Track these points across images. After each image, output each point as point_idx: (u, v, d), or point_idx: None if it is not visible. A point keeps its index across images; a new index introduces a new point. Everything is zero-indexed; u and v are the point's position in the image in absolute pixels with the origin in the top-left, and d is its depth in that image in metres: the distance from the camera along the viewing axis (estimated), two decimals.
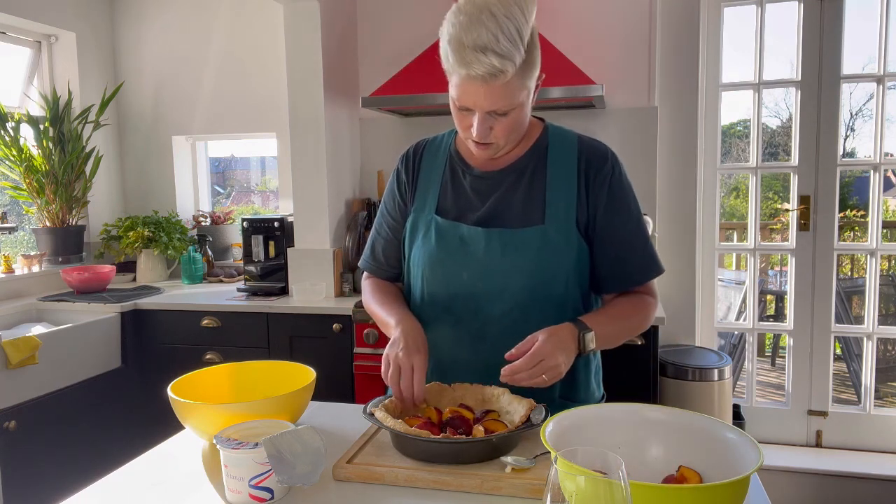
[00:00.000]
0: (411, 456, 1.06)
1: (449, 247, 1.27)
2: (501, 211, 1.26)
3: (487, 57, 1.06)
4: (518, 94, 1.14)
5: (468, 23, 1.07)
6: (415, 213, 1.33)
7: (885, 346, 4.05)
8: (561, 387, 1.27)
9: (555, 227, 1.23)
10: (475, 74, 1.09)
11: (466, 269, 1.25)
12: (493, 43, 1.06)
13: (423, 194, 1.33)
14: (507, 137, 1.20)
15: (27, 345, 2.34)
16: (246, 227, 2.97)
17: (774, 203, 3.93)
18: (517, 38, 1.08)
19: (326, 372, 2.32)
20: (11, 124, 3.08)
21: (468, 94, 1.13)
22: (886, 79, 2.77)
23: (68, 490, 1.05)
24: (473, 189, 1.29)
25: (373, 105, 2.71)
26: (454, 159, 1.33)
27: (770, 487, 1.10)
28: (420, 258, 1.30)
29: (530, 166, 1.27)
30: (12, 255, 3.13)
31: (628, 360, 2.38)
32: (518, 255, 1.22)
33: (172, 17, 3.47)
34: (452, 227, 1.27)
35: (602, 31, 2.87)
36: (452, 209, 1.30)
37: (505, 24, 1.06)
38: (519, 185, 1.26)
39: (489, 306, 1.25)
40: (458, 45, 1.08)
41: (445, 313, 1.29)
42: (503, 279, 1.23)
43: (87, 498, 1.02)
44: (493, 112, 1.15)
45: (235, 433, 1.04)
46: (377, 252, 1.43)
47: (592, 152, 1.27)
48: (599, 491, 0.63)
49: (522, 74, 1.12)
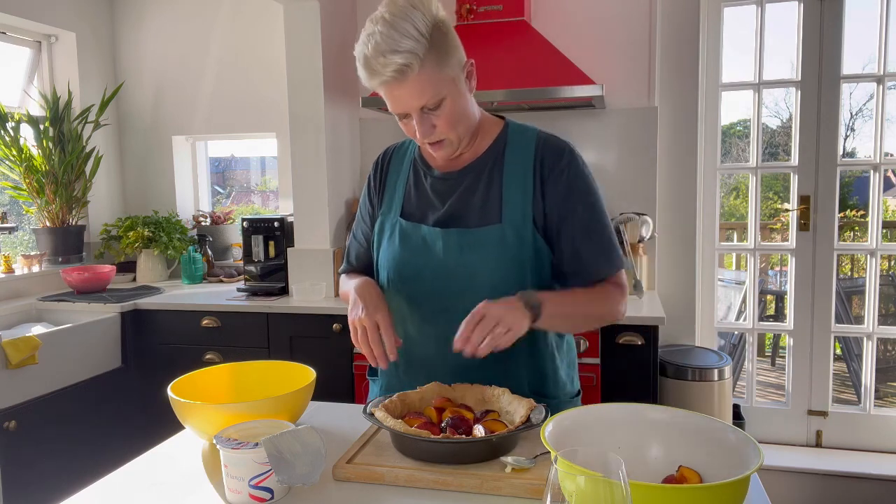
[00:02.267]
0: (411, 456, 1.06)
1: (412, 248, 1.29)
2: (460, 211, 1.28)
3: (388, 58, 1.10)
4: (439, 84, 1.15)
5: (367, 38, 1.13)
6: (382, 215, 1.36)
7: (885, 346, 4.05)
8: (529, 381, 1.29)
9: (511, 225, 1.24)
10: (386, 78, 1.13)
11: (429, 270, 1.28)
12: (392, 44, 1.10)
13: (390, 198, 1.36)
14: (454, 130, 1.21)
15: (27, 345, 2.34)
16: (246, 227, 2.97)
17: (774, 203, 3.93)
18: (415, 32, 1.11)
19: (326, 372, 2.32)
20: (11, 124, 3.08)
21: (394, 99, 1.18)
22: (886, 79, 2.77)
23: (68, 490, 1.05)
24: (434, 190, 1.32)
25: (373, 105, 2.71)
26: (417, 162, 1.37)
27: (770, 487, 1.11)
28: (386, 260, 1.33)
29: (488, 166, 1.29)
30: (12, 255, 3.13)
31: (628, 360, 2.38)
32: (476, 255, 1.24)
33: (172, 17, 3.47)
34: (414, 228, 1.30)
35: (602, 31, 2.87)
36: (416, 211, 1.32)
37: (399, 24, 1.10)
38: (477, 185, 1.28)
39: (453, 305, 1.26)
40: (364, 60, 1.14)
41: (412, 313, 1.31)
42: (464, 279, 1.25)
43: (87, 498, 1.02)
44: (425, 108, 1.17)
45: (235, 433, 1.04)
46: (351, 256, 1.48)
47: (548, 148, 1.28)
48: (599, 491, 0.63)
49: (435, 63, 1.14)
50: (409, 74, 1.12)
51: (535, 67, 2.56)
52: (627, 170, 2.87)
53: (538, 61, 2.57)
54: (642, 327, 2.36)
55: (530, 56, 2.60)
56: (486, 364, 1.26)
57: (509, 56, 2.63)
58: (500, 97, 2.53)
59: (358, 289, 1.26)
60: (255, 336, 2.74)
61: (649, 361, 2.37)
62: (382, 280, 1.34)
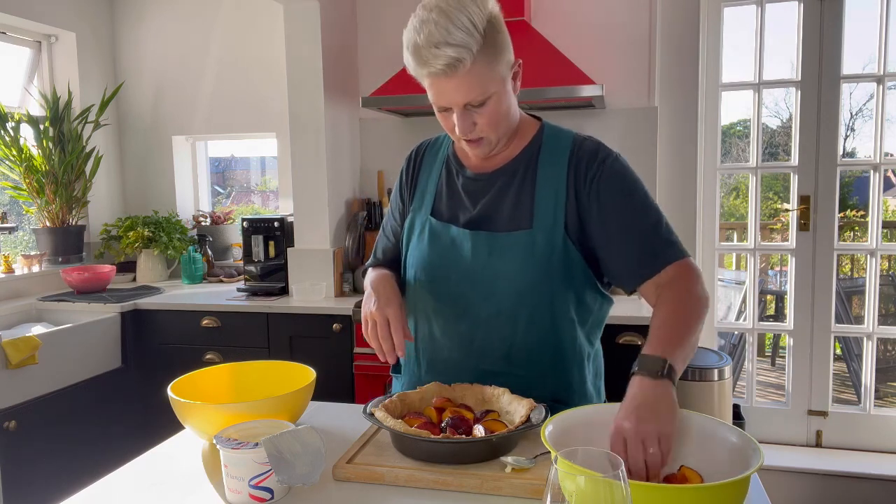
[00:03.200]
0: (411, 456, 1.06)
1: (440, 248, 1.27)
2: (491, 214, 1.25)
3: (441, 50, 1.07)
4: (488, 82, 1.12)
5: (420, 24, 1.09)
6: (413, 212, 1.34)
7: (885, 346, 4.05)
8: (553, 390, 1.24)
9: (542, 232, 1.20)
10: (436, 70, 1.09)
11: (455, 271, 1.25)
12: (446, 35, 1.06)
13: (422, 195, 1.34)
14: (495, 130, 1.18)
15: (27, 345, 2.34)
16: (246, 227, 2.97)
17: (774, 203, 3.93)
18: (470, 26, 1.08)
19: (326, 372, 2.32)
20: (11, 124, 3.08)
21: (439, 92, 1.14)
22: (886, 79, 2.76)
23: (68, 490, 1.05)
24: (466, 190, 1.29)
25: (373, 105, 2.71)
26: (451, 160, 1.33)
27: (770, 487, 1.11)
28: (414, 258, 1.31)
29: (521, 168, 1.25)
30: (12, 255, 3.13)
31: (628, 359, 2.37)
32: (504, 260, 1.21)
33: (172, 17, 3.47)
34: (444, 228, 1.27)
35: (602, 31, 2.87)
36: (446, 210, 1.30)
37: (455, 16, 1.07)
38: (509, 188, 1.25)
39: (476, 309, 1.24)
40: (414, 48, 1.10)
41: (435, 315, 1.29)
42: (489, 283, 1.22)
43: (87, 498, 1.02)
44: (469, 105, 1.14)
45: (235, 433, 1.04)
46: (378, 251, 1.45)
47: (584, 152, 1.23)
48: (599, 491, 0.63)
49: (487, 61, 1.11)
50: (459, 69, 1.08)
51: (535, 67, 2.56)
52: None
53: (538, 61, 2.57)
54: (642, 327, 2.36)
55: (530, 56, 2.60)
56: (511, 370, 1.24)
57: None
58: None
59: (374, 282, 1.26)
60: (255, 336, 2.74)
61: None
62: (410, 278, 1.32)
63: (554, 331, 1.23)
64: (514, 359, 1.24)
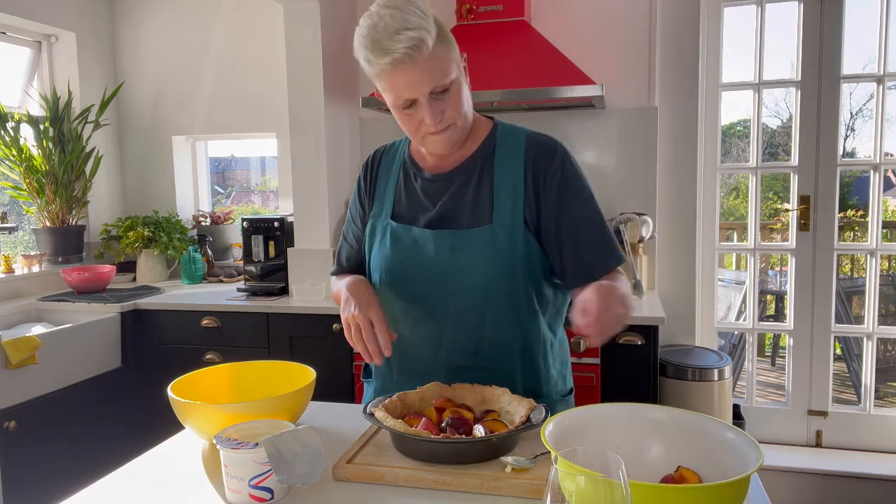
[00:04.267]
0: (411, 456, 1.06)
1: (403, 250, 1.28)
2: (451, 212, 1.27)
3: (402, 34, 1.09)
4: (448, 65, 1.15)
5: (373, 22, 1.11)
6: (373, 218, 1.35)
7: (885, 346, 4.05)
8: (523, 380, 1.29)
9: (502, 226, 1.23)
10: (399, 56, 1.10)
11: (420, 271, 1.27)
12: (403, 22, 1.09)
13: (381, 200, 1.35)
14: (461, 115, 1.21)
15: (27, 345, 2.34)
16: (246, 227, 2.97)
17: (774, 203, 3.93)
18: (422, 14, 1.11)
19: (326, 372, 2.32)
20: (11, 124, 3.08)
21: (403, 84, 1.14)
22: (886, 79, 2.77)
23: (68, 490, 1.05)
24: (424, 192, 1.31)
25: (373, 105, 2.71)
26: (407, 164, 1.35)
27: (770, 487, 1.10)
28: (378, 262, 1.32)
29: (478, 166, 1.28)
30: (12, 255, 3.13)
31: (628, 360, 2.38)
32: (467, 256, 1.24)
33: (172, 17, 3.47)
34: (405, 230, 1.29)
35: (602, 31, 2.87)
36: (406, 213, 1.31)
37: (405, 7, 1.10)
38: (468, 186, 1.27)
39: (444, 307, 1.26)
40: (372, 42, 1.11)
41: (403, 315, 1.31)
42: (455, 280, 1.25)
43: (87, 498, 1.02)
44: (434, 92, 1.15)
45: (235, 433, 1.04)
46: (342, 258, 1.46)
47: (540, 149, 1.27)
48: (599, 491, 0.63)
49: (443, 46, 1.14)
50: (423, 51, 1.10)
51: (535, 67, 2.56)
52: (627, 170, 2.87)
53: (538, 61, 2.57)
54: (642, 327, 2.36)
55: (530, 56, 2.60)
56: (480, 364, 1.27)
57: (509, 56, 2.63)
58: (499, 97, 2.53)
59: (350, 287, 1.25)
60: (255, 336, 2.74)
61: (649, 361, 2.37)
62: (375, 282, 1.33)
63: (519, 322, 1.27)
64: (482, 353, 1.27)
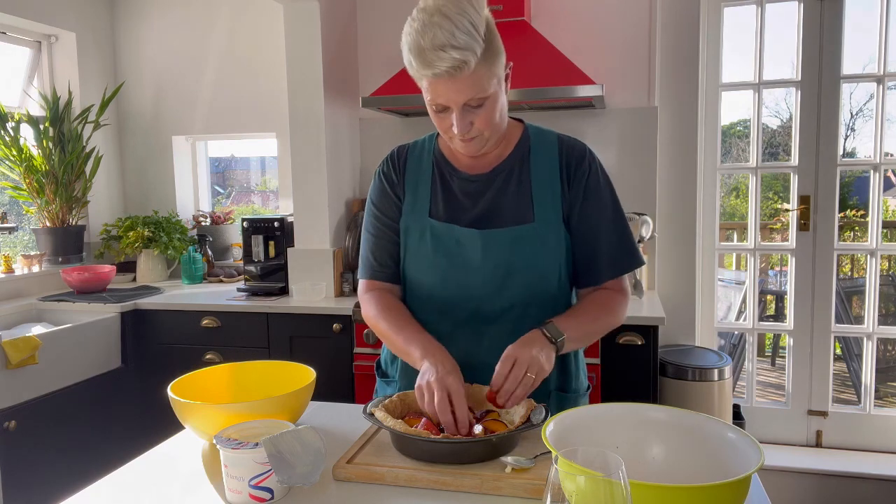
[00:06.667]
0: (411, 456, 1.06)
1: (445, 249, 1.28)
2: (493, 212, 1.28)
3: (447, 52, 1.09)
4: (487, 83, 1.16)
5: (423, 27, 1.11)
6: (405, 215, 1.33)
7: (885, 346, 4.05)
8: (556, 379, 1.32)
9: (545, 223, 1.26)
10: (440, 72, 1.12)
11: (464, 271, 1.27)
12: (450, 38, 1.09)
13: (412, 197, 1.33)
14: (490, 128, 1.21)
15: (27, 345, 2.34)
16: (246, 227, 2.97)
17: (774, 203, 3.93)
18: (472, 30, 1.11)
19: (326, 372, 2.32)
20: (11, 124, 3.08)
21: (440, 93, 1.16)
22: (886, 79, 2.77)
23: (68, 490, 1.05)
24: (463, 191, 1.31)
25: (373, 105, 2.71)
26: (440, 163, 1.34)
27: (770, 487, 1.10)
28: (417, 261, 1.31)
29: (516, 167, 1.30)
30: (12, 255, 3.13)
31: (628, 360, 2.38)
32: (513, 254, 1.25)
33: (172, 16, 3.47)
34: (447, 229, 1.28)
35: (602, 31, 2.87)
36: (444, 212, 1.30)
37: (458, 20, 1.10)
38: (508, 186, 1.29)
39: (488, 306, 1.27)
40: (418, 50, 1.12)
41: (443, 315, 1.30)
42: (501, 278, 1.26)
43: (87, 498, 1.02)
44: (468, 105, 1.17)
45: (235, 433, 1.04)
46: (374, 255, 1.37)
47: (572, 150, 1.31)
48: (599, 491, 0.63)
49: (487, 63, 1.14)
50: (464, 71, 1.12)
51: (534, 67, 2.56)
52: (627, 170, 2.87)
53: (538, 61, 2.57)
54: (642, 327, 2.36)
55: (530, 56, 2.60)
56: None
57: (509, 56, 2.62)
58: None
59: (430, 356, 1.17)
60: (255, 336, 2.74)
61: (649, 361, 2.37)
62: (413, 280, 1.32)
63: None
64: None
